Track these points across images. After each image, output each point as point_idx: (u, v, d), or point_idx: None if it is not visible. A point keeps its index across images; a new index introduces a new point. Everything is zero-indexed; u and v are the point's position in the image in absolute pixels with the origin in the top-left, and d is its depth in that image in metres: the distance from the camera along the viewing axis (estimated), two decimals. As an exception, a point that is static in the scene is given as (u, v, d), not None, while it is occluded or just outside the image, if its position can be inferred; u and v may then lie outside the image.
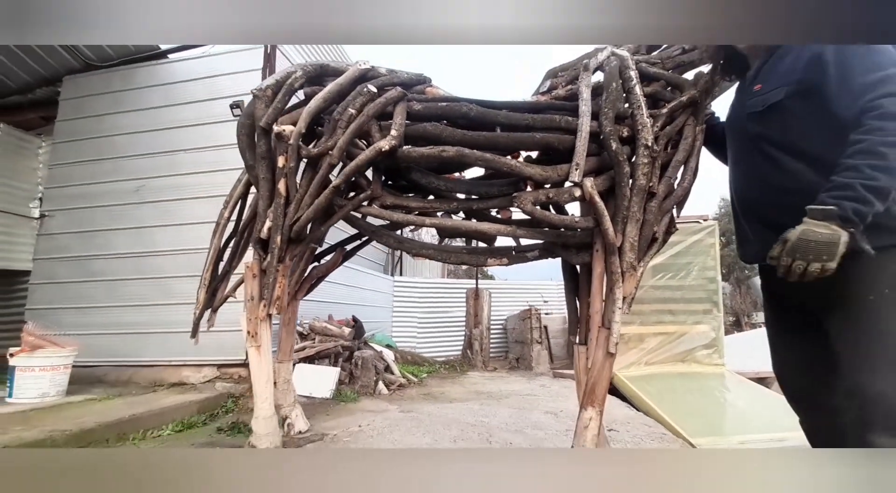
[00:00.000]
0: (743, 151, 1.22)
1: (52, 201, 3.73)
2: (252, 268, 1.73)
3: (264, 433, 1.66)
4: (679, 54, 1.56)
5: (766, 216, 1.13)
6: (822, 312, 1.04)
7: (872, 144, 0.91)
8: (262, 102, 1.57)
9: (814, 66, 1.04)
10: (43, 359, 2.52)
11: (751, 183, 1.18)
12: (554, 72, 1.71)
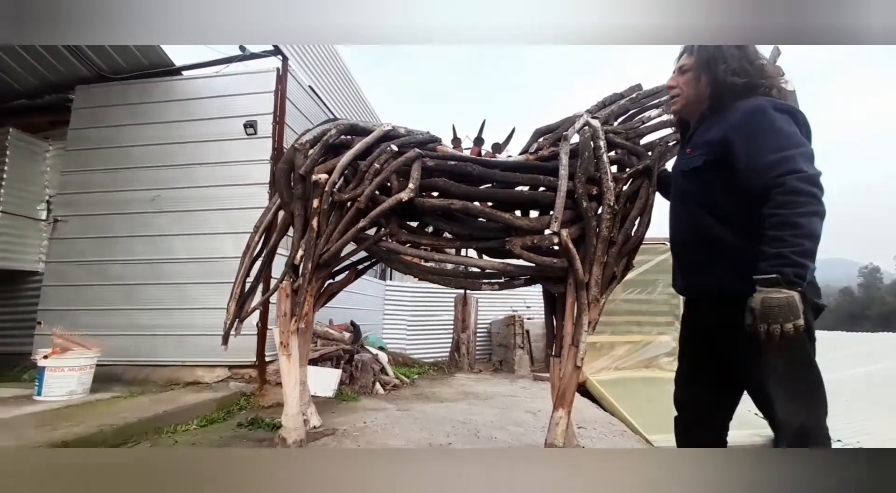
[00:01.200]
0: (676, 202, 1.49)
1: (66, 207, 3.92)
2: (285, 288, 2.05)
3: (292, 427, 1.98)
4: (640, 126, 1.95)
5: (687, 258, 1.42)
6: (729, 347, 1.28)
7: (787, 216, 1.09)
8: (302, 154, 1.89)
9: (727, 144, 1.23)
10: (72, 360, 2.76)
11: (678, 229, 1.45)
12: (541, 132, 2.09)
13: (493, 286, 1.99)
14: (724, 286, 1.29)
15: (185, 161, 3.88)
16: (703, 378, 1.42)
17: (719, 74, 1.29)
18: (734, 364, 1.30)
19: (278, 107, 3.88)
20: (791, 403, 1.18)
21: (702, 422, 1.43)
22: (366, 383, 3.63)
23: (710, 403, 1.41)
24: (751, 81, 1.28)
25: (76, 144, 4.01)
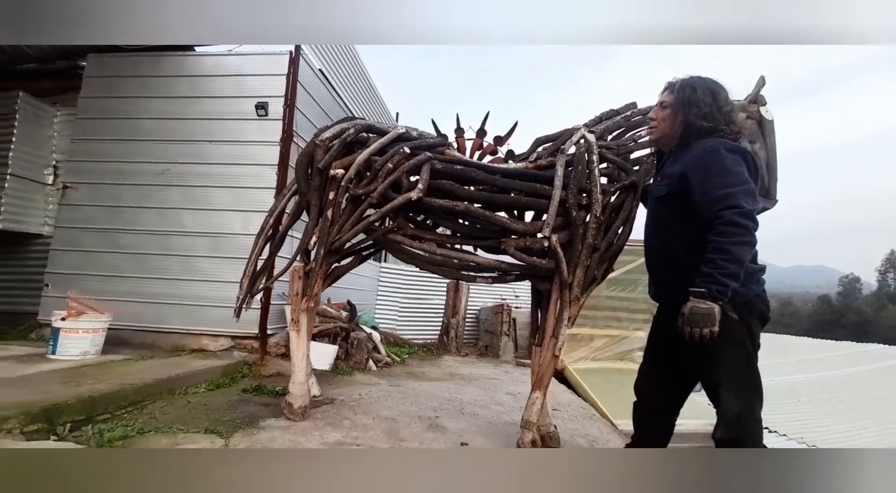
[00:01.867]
0: (649, 222, 1.72)
1: (76, 174, 4.02)
2: (298, 271, 2.24)
3: (298, 394, 2.21)
4: (630, 143, 2.15)
5: (658, 273, 1.68)
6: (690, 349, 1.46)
7: (722, 243, 1.33)
8: (322, 149, 2.06)
9: (685, 178, 1.45)
10: (87, 323, 2.95)
11: (651, 248, 1.69)
12: (540, 141, 2.27)
13: (487, 280, 2.21)
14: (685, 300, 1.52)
15: (194, 137, 3.98)
16: (662, 372, 1.68)
17: (691, 117, 1.49)
18: (692, 363, 1.55)
19: (290, 90, 3.97)
20: (733, 396, 1.43)
21: (656, 408, 1.70)
22: (360, 359, 3.87)
23: (664, 393, 1.67)
24: (716, 126, 1.49)
25: (86, 113, 4.08)
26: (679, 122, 1.55)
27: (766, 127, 2.00)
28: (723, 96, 1.55)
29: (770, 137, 1.98)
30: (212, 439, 1.81)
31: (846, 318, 32.71)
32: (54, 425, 1.74)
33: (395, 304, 7.14)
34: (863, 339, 10.60)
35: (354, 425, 2.22)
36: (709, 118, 1.49)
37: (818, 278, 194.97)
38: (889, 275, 37.19)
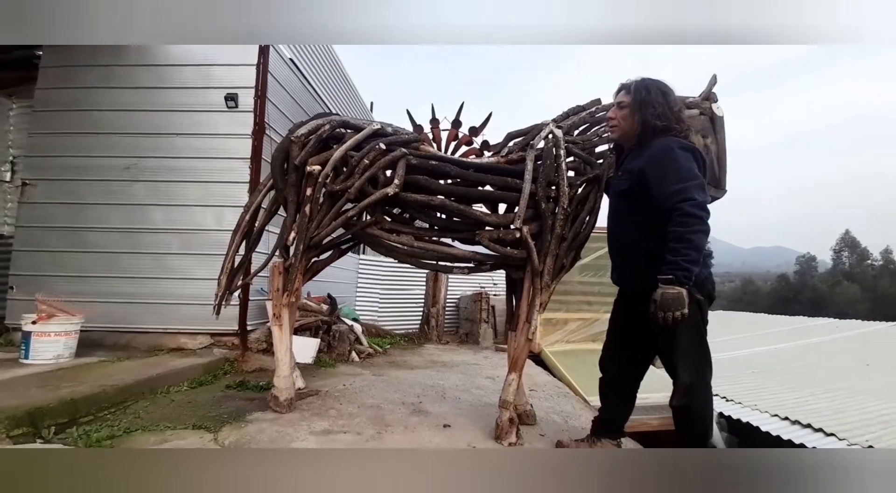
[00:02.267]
0: (611, 214, 1.88)
1: (35, 170, 3.85)
2: (278, 267, 2.27)
3: (284, 387, 2.26)
4: (595, 139, 2.27)
5: (619, 260, 1.84)
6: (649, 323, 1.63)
7: (681, 233, 1.47)
8: (297, 145, 2.08)
9: (643, 174, 1.60)
10: (58, 326, 2.88)
11: (613, 237, 1.85)
12: (512, 136, 2.36)
13: (463, 270, 2.31)
14: (646, 283, 1.66)
15: (160, 130, 3.86)
16: (623, 348, 1.85)
17: (647, 116, 1.62)
18: (651, 338, 1.72)
19: (260, 81, 3.89)
20: (686, 368, 1.61)
21: (620, 381, 1.86)
22: (342, 351, 3.93)
23: (626, 367, 1.84)
24: (669, 125, 1.62)
25: (44, 105, 3.89)
26: (637, 121, 1.68)
27: (717, 123, 2.16)
28: (672, 97, 1.68)
29: (720, 133, 2.14)
30: (200, 434, 1.86)
31: (802, 295, 34.88)
32: (39, 428, 1.74)
33: (376, 295, 7.19)
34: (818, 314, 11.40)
35: (340, 414, 2.30)
36: (662, 117, 1.62)
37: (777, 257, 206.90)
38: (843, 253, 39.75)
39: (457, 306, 7.35)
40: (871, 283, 33.79)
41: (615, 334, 1.90)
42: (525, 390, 2.52)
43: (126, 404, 2.25)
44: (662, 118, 1.62)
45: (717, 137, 2.14)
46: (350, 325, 4.40)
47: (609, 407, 1.91)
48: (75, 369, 2.70)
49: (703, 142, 2.10)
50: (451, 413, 2.44)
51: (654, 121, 1.63)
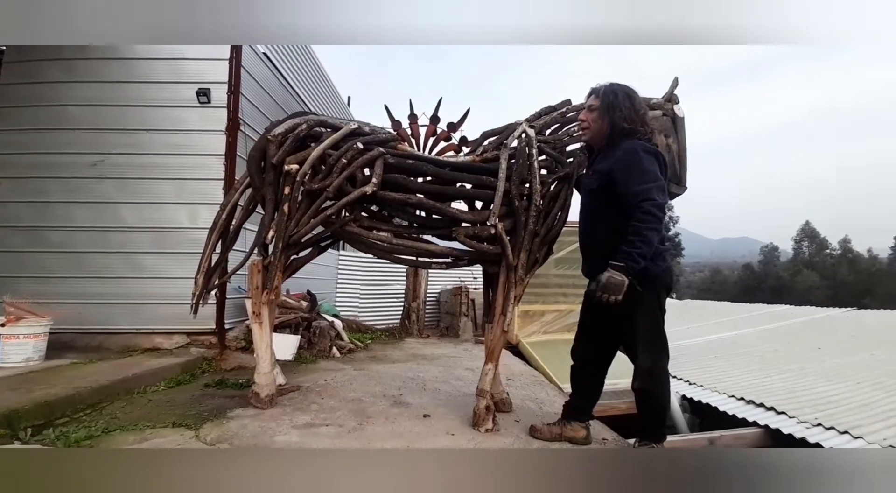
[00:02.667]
0: (582, 211, 2.01)
1: None
2: (257, 265, 2.29)
3: (265, 383, 2.29)
4: (566, 138, 2.37)
5: (589, 255, 1.96)
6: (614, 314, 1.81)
7: (639, 228, 1.63)
8: (274, 144, 2.09)
9: (611, 174, 1.73)
10: (27, 328, 2.80)
11: (583, 230, 1.98)
12: (487, 135, 2.44)
13: (441, 266, 2.38)
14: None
15: (128, 125, 3.76)
16: (592, 338, 1.97)
17: (615, 119, 1.74)
18: (616, 327, 1.86)
19: (233, 75, 3.83)
20: (646, 353, 1.76)
21: (588, 368, 1.99)
22: (323, 347, 3.95)
23: (595, 355, 1.97)
24: (634, 127, 1.75)
25: (7, 101, 3.72)
26: (606, 123, 1.79)
27: (678, 123, 2.29)
28: (637, 100, 1.80)
29: (681, 132, 2.28)
30: (181, 431, 1.87)
31: (766, 283, 36.63)
32: (15, 430, 1.72)
33: (356, 291, 7.19)
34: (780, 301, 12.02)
35: (322, 408, 2.35)
36: (629, 120, 1.75)
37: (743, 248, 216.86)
38: (803, 243, 41.84)
39: (437, 300, 7.43)
40: (829, 271, 35.78)
41: (585, 325, 2.02)
42: (502, 380, 2.64)
43: (102, 405, 2.23)
44: (629, 121, 1.75)
45: (679, 137, 2.28)
46: (330, 321, 4.42)
47: (579, 392, 2.04)
48: (47, 371, 2.64)
49: (665, 141, 2.24)
50: (430, 404, 2.53)
51: (621, 123, 1.76)
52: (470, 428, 2.11)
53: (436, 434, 2.02)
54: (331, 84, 6.76)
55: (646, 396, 1.77)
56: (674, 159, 2.19)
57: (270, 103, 4.52)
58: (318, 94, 6.08)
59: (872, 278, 33.06)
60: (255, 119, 4.13)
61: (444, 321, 6.84)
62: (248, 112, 4.00)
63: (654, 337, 1.77)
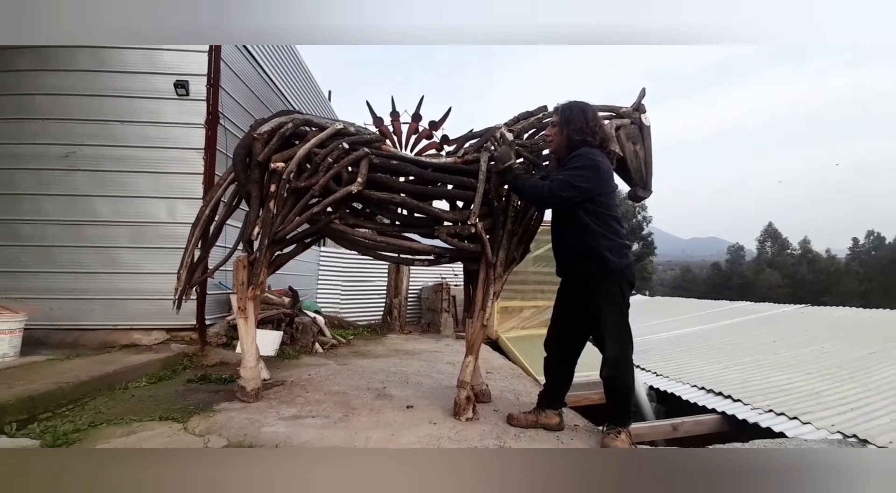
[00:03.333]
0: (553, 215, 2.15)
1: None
2: (242, 261, 2.32)
3: (250, 377, 2.33)
4: (542, 142, 2.50)
5: (558, 251, 2.11)
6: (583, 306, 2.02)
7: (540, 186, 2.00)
8: (260, 142, 2.12)
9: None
10: (2, 324, 2.73)
11: (553, 232, 2.12)
12: (467, 138, 2.54)
13: (424, 263, 2.48)
14: (581, 272, 2.00)
15: (101, 116, 3.67)
16: (564, 330, 2.11)
17: (570, 132, 1.92)
18: (586, 318, 2.02)
19: (213, 68, 3.78)
20: (612, 343, 1.92)
21: (562, 358, 2.14)
22: (306, 343, 3.98)
23: (565, 346, 2.11)
24: (584, 138, 1.97)
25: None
26: (564, 136, 1.97)
27: (644, 131, 2.46)
28: (590, 115, 2.03)
29: (648, 139, 2.44)
30: (168, 424, 1.90)
31: (732, 281, 38.38)
32: (1, 425, 1.71)
33: (337, 287, 7.19)
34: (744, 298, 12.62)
35: (307, 401, 2.41)
36: (580, 133, 1.98)
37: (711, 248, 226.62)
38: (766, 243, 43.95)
39: (418, 296, 7.51)
40: (790, 270, 37.77)
41: (557, 319, 2.16)
42: (482, 373, 2.76)
43: (84, 400, 2.23)
44: (580, 133, 1.98)
45: (645, 144, 2.44)
46: (313, 317, 4.44)
47: (552, 381, 2.18)
48: (23, 367, 2.59)
49: (633, 148, 2.39)
50: (413, 396, 2.62)
51: (574, 135, 1.98)
52: (451, 417, 2.22)
53: (419, 423, 2.12)
54: (312, 78, 6.71)
55: (613, 382, 1.92)
56: (640, 165, 2.35)
57: (250, 97, 4.48)
58: (298, 88, 6.03)
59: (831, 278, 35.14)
60: (234, 113, 4.10)
61: (426, 317, 6.93)
62: (229, 105, 3.97)
63: (620, 327, 1.93)
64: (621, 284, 1.92)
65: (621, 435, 1.88)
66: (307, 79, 6.51)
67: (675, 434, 2.94)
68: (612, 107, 2.40)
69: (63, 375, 2.40)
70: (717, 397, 3.42)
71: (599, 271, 1.90)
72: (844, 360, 4.21)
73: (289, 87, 5.64)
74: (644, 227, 29.93)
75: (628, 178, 2.30)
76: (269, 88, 5.01)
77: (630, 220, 27.86)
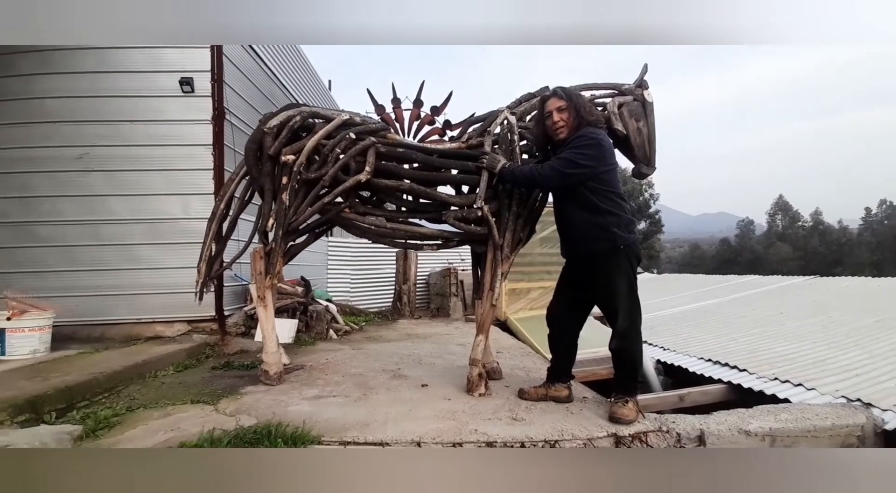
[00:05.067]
0: (556, 197, 2.21)
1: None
2: (259, 252, 2.41)
3: (272, 362, 2.45)
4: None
5: (562, 230, 2.17)
6: (588, 285, 2.10)
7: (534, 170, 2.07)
8: (270, 136, 2.19)
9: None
10: (32, 321, 2.88)
11: (557, 213, 2.20)
12: (471, 122, 2.58)
13: (433, 248, 2.55)
14: (586, 250, 2.08)
15: (110, 117, 3.74)
16: (566, 304, 2.22)
17: (582, 115, 1.96)
18: (595, 294, 2.11)
19: (216, 63, 3.82)
20: (622, 316, 2.00)
21: (563, 332, 2.23)
22: (320, 330, 4.12)
23: (568, 320, 2.21)
24: (587, 118, 2.04)
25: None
26: (574, 119, 2.05)
27: (647, 107, 2.47)
28: (585, 98, 2.13)
29: (651, 116, 2.45)
30: (201, 407, 2.03)
31: (741, 256, 38.09)
32: (41, 414, 1.84)
33: (347, 276, 7.32)
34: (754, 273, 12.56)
35: (327, 383, 2.53)
36: (590, 115, 2.05)
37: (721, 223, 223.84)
38: (777, 216, 43.33)
39: (427, 282, 7.63)
40: (801, 243, 37.32)
41: (560, 295, 2.25)
42: (493, 353, 2.85)
43: (118, 388, 2.37)
44: (591, 115, 2.06)
45: (648, 121, 2.45)
46: (325, 305, 4.56)
47: (557, 356, 2.28)
48: (56, 361, 2.74)
49: (636, 125, 2.41)
50: (427, 375, 2.74)
51: (587, 117, 2.05)
52: (465, 394, 2.32)
53: (434, 400, 2.23)
54: (312, 68, 6.70)
55: (621, 354, 2.01)
56: (644, 142, 2.37)
57: (253, 91, 4.52)
58: (299, 79, 6.04)
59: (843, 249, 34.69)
60: (239, 108, 4.15)
61: (435, 302, 7.05)
62: (233, 101, 4.02)
63: (629, 302, 2.01)
64: (630, 258, 2.00)
65: (629, 404, 1.97)
66: (308, 70, 6.51)
67: (682, 404, 3.04)
68: (615, 84, 2.41)
69: (95, 366, 2.55)
70: (724, 368, 3.49)
71: (609, 248, 1.97)
72: (851, 328, 4.25)
73: (291, 79, 5.66)
74: (651, 204, 29.63)
75: (632, 155, 2.33)
76: (272, 82, 5.03)
77: (637, 198, 27.57)
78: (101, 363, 2.62)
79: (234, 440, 1.56)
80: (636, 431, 1.84)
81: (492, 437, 1.76)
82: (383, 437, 1.73)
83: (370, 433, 1.76)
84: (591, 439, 1.79)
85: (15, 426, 1.70)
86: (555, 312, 2.26)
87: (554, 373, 2.29)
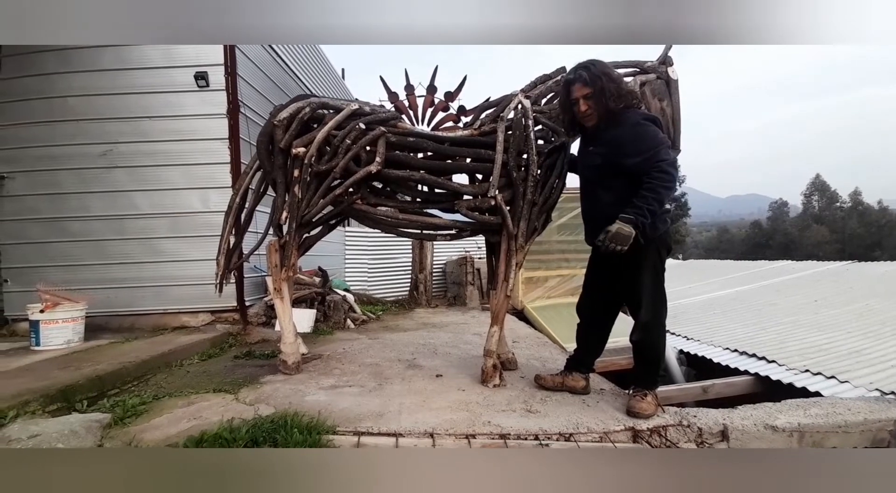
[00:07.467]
0: (583, 182, 2.15)
1: (8, 163, 3.81)
2: (274, 245, 2.43)
3: (291, 352, 2.50)
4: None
5: (591, 221, 2.08)
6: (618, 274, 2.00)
7: (654, 186, 1.77)
8: (280, 129, 2.18)
9: (619, 149, 1.86)
10: (65, 313, 3.02)
11: (586, 201, 2.11)
12: (483, 108, 2.50)
13: (446, 238, 2.52)
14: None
15: (130, 113, 3.82)
16: (597, 296, 2.14)
17: (610, 102, 1.84)
18: (622, 284, 2.03)
19: (229, 57, 3.84)
20: (646, 308, 1.93)
21: (593, 324, 2.18)
22: (338, 319, 4.18)
23: (601, 311, 2.15)
24: (626, 103, 1.89)
25: (7, 95, 3.77)
26: (604, 108, 1.90)
27: (672, 86, 2.33)
28: (616, 75, 1.91)
29: (675, 95, 2.32)
30: (222, 396, 2.09)
31: (774, 239, 36.48)
32: (72, 403, 1.94)
33: (364, 266, 7.40)
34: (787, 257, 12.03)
35: (344, 372, 2.56)
36: (619, 99, 1.88)
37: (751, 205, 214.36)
38: (813, 197, 41.18)
39: (443, 270, 7.63)
40: (839, 225, 35.41)
41: (590, 285, 2.19)
42: (509, 342, 2.83)
43: (146, 377, 2.47)
44: (619, 99, 1.88)
45: (672, 100, 2.32)
46: (343, 295, 4.63)
47: (583, 346, 2.23)
48: (89, 351, 2.88)
49: (659, 105, 2.29)
50: (442, 366, 2.74)
51: (615, 105, 1.87)
52: (479, 384, 2.31)
53: (448, 390, 2.22)
54: (324, 57, 6.66)
55: (642, 346, 1.95)
56: (668, 122, 2.25)
57: (267, 83, 4.53)
58: (312, 69, 6.02)
59: (882, 231, 32.74)
60: (254, 100, 4.17)
61: (451, 291, 7.06)
62: (248, 94, 4.04)
63: (656, 293, 1.93)
64: (660, 249, 1.92)
65: (647, 397, 1.91)
66: (321, 59, 6.48)
67: (706, 396, 2.95)
68: (637, 62, 2.28)
69: (125, 356, 2.66)
70: (751, 359, 3.36)
71: (639, 239, 1.85)
72: (889, 316, 4.01)
73: (304, 70, 5.65)
74: (677, 187, 28.64)
75: None
76: (285, 72, 5.03)
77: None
78: (131, 353, 2.73)
79: (252, 429, 1.60)
80: (655, 425, 1.79)
81: (505, 429, 1.74)
82: (397, 427, 1.74)
83: (384, 424, 1.77)
84: (607, 432, 1.75)
85: (46, 415, 1.79)
86: (584, 302, 2.21)
87: (574, 362, 2.25)
